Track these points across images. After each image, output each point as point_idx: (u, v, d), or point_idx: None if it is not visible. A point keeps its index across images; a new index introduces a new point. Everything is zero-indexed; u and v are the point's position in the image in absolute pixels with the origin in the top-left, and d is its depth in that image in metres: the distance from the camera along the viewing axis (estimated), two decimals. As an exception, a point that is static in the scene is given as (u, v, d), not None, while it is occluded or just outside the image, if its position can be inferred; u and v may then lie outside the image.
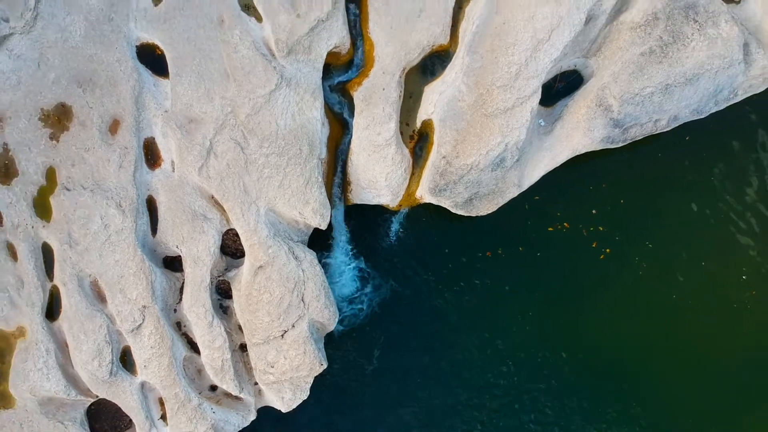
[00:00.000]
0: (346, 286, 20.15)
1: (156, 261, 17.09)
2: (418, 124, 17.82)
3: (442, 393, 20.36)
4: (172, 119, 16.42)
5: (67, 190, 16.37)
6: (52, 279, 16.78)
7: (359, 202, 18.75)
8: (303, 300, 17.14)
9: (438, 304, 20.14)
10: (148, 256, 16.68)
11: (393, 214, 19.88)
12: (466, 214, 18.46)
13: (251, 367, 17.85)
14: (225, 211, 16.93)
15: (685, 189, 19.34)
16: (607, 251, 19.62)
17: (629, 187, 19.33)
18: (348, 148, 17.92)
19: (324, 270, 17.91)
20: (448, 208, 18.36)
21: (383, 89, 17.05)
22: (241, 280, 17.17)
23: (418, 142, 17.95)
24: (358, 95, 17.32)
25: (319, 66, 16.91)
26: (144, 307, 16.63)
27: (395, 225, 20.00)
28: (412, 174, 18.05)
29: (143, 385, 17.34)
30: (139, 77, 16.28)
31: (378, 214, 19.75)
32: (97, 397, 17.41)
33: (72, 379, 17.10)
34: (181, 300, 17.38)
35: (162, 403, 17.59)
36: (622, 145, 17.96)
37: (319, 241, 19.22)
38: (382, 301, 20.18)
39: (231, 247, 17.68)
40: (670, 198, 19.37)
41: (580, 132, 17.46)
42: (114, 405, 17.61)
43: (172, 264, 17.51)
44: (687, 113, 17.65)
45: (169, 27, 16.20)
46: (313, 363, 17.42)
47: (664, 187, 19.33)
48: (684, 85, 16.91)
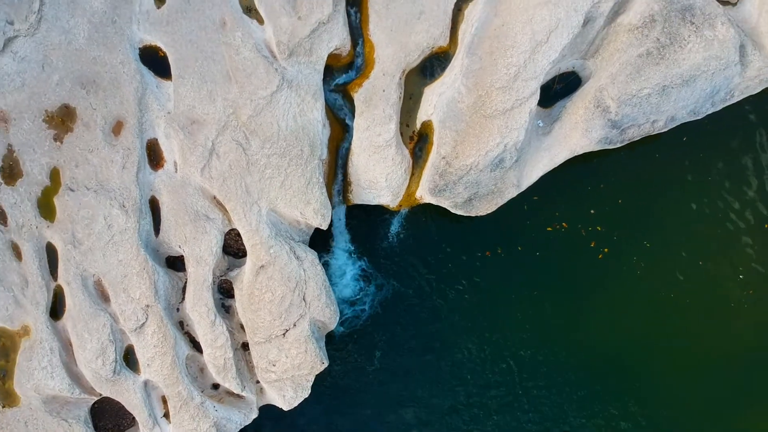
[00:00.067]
0: (347, 288, 20.18)
1: (159, 261, 17.18)
2: (418, 125, 17.87)
3: (442, 392, 20.39)
4: (175, 120, 16.51)
5: (71, 191, 16.47)
6: (56, 278, 16.86)
7: (360, 203, 18.79)
8: (304, 299, 17.22)
9: (438, 304, 20.17)
10: (151, 255, 16.76)
11: (393, 214, 19.91)
12: (465, 214, 18.48)
13: (253, 366, 17.91)
14: (227, 211, 17.01)
15: (683, 189, 19.34)
16: (606, 251, 19.63)
17: (627, 188, 19.33)
18: (348, 149, 17.98)
19: (325, 270, 17.94)
20: (448, 208, 18.40)
21: (383, 91, 17.13)
22: (243, 279, 17.26)
23: (417, 142, 18.00)
24: (358, 97, 17.39)
25: (320, 68, 16.98)
26: (147, 306, 16.72)
27: (395, 225, 20.03)
28: (412, 174, 18.11)
29: (146, 383, 17.40)
30: (142, 79, 16.36)
31: (378, 214, 19.79)
32: (101, 395, 17.46)
33: (76, 378, 17.18)
34: (183, 299, 17.45)
35: (165, 402, 17.64)
36: (620, 145, 17.98)
37: (320, 241, 19.27)
38: (383, 300, 20.22)
39: (233, 247, 17.75)
40: (668, 198, 19.37)
41: (579, 133, 17.52)
42: (117, 403, 17.67)
43: (175, 264, 17.59)
44: (684, 114, 17.69)
45: (172, 29, 16.29)
46: (314, 361, 17.51)
47: (662, 188, 19.35)
48: (681, 87, 16.96)
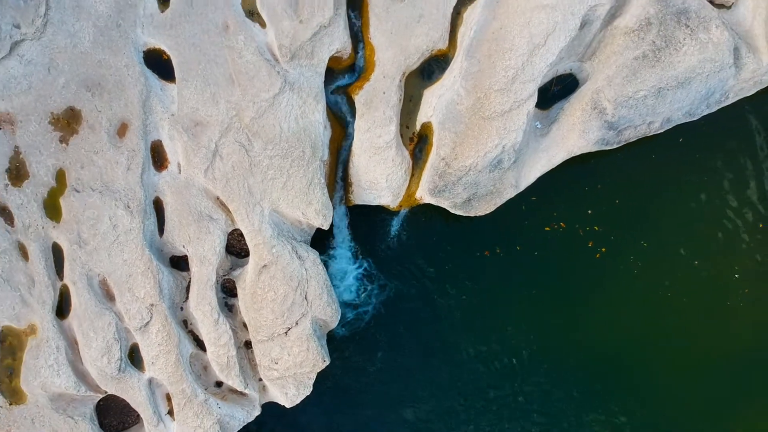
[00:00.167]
0: (348, 290, 20.27)
1: (163, 260, 17.31)
2: (418, 127, 18.00)
3: (443, 392, 20.49)
4: (179, 122, 16.66)
5: (77, 192, 16.61)
6: (62, 278, 17.00)
7: (360, 203, 18.91)
8: (306, 298, 17.36)
9: (439, 303, 20.28)
10: (155, 255, 16.90)
11: (393, 214, 20.01)
12: (464, 215, 18.61)
13: (256, 364, 18.03)
14: (230, 211, 17.15)
15: (679, 189, 19.44)
16: (603, 250, 19.73)
17: (624, 188, 19.43)
18: (349, 150, 18.11)
19: (326, 270, 17.99)
20: (447, 209, 18.54)
21: (384, 93, 17.28)
22: (246, 278, 17.39)
23: (417, 144, 18.13)
24: (359, 99, 17.54)
25: (322, 70, 17.12)
26: (152, 305, 16.85)
27: (396, 225, 20.13)
28: (412, 175, 18.24)
29: (151, 381, 17.52)
30: (146, 82, 16.51)
31: (379, 214, 19.87)
32: (106, 392, 17.57)
33: (82, 376, 17.30)
34: (187, 298, 17.59)
35: (169, 399, 17.77)
36: (616, 146, 18.12)
37: (321, 242, 19.37)
38: (385, 301, 20.31)
39: (236, 247, 17.90)
40: (664, 198, 19.47)
41: (576, 134, 17.67)
42: (122, 401, 17.79)
43: (179, 263, 17.72)
44: (680, 116, 17.85)
45: (176, 33, 16.44)
46: (316, 359, 17.64)
47: (659, 188, 19.43)
48: (676, 89, 17.12)
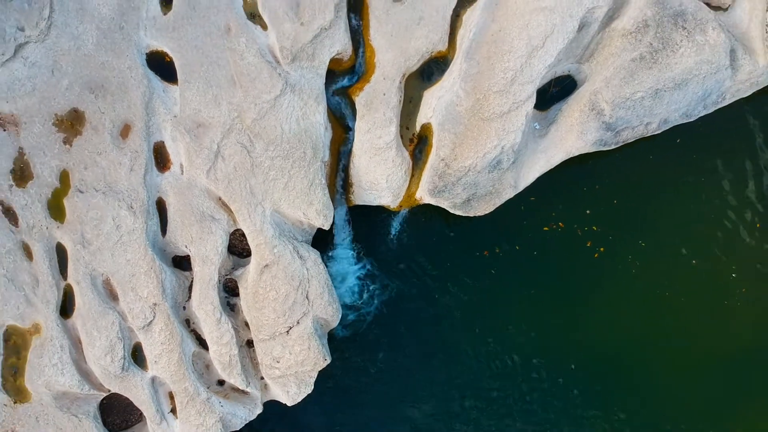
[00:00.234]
0: (350, 292, 20.39)
1: (166, 260, 17.43)
2: (418, 128, 18.10)
3: (443, 392, 20.60)
4: (181, 124, 16.78)
5: (80, 193, 16.74)
6: (65, 278, 17.13)
7: (361, 203, 18.99)
8: (307, 297, 17.47)
9: (439, 303, 20.39)
10: (158, 255, 17.03)
11: (393, 214, 20.17)
12: (464, 215, 18.70)
13: (258, 362, 18.14)
14: (232, 212, 17.27)
15: (677, 189, 19.55)
16: (602, 250, 19.86)
17: (622, 188, 19.54)
18: (350, 151, 18.21)
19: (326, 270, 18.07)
20: (447, 209, 18.63)
21: (384, 94, 17.38)
22: (248, 278, 17.51)
23: (417, 145, 18.22)
24: (359, 100, 17.64)
25: (322, 72, 17.23)
26: (154, 304, 16.98)
27: (396, 225, 20.28)
28: (412, 176, 18.33)
29: (154, 379, 17.65)
30: (149, 83, 16.64)
31: (379, 214, 20.01)
32: (110, 391, 17.70)
33: (85, 374, 17.43)
34: (190, 298, 17.72)
35: (172, 397, 17.89)
36: (614, 147, 18.21)
37: (322, 242, 19.50)
38: (386, 300, 20.43)
39: (238, 247, 18.04)
40: (661, 198, 19.58)
41: (574, 135, 17.78)
42: (125, 399, 17.92)
43: (181, 263, 17.84)
44: (677, 117, 17.95)
45: (178, 35, 16.56)
46: (317, 358, 17.77)
47: (656, 188, 19.55)
48: (673, 90, 17.23)
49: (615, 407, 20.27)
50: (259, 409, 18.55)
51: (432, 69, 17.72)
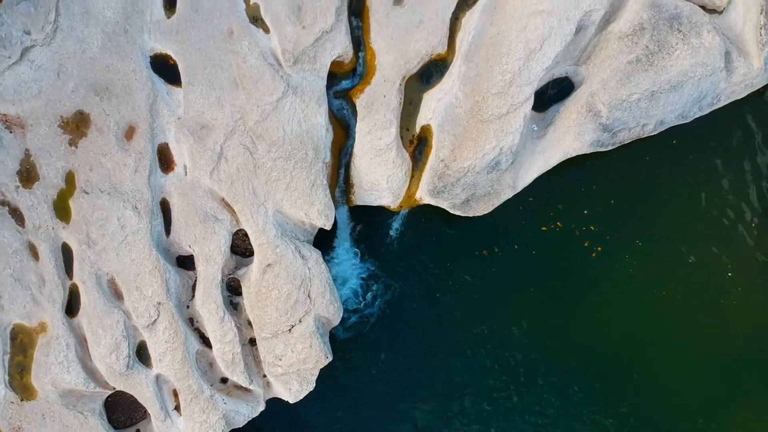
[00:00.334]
0: (352, 293, 20.48)
1: (170, 260, 17.61)
2: (418, 129, 18.23)
3: (443, 393, 20.67)
4: (185, 126, 16.96)
5: (86, 193, 16.93)
6: (71, 277, 17.32)
7: (361, 204, 19.12)
8: (309, 296, 17.63)
9: (440, 302, 20.48)
10: (162, 255, 17.21)
11: (394, 215, 20.27)
12: (463, 215, 18.83)
13: (260, 360, 18.29)
14: (235, 212, 17.44)
15: (673, 190, 19.64)
16: (599, 249, 19.95)
17: (619, 189, 19.63)
18: (351, 152, 18.36)
19: (328, 269, 18.19)
20: (447, 209, 18.76)
21: (384, 96, 17.55)
22: (251, 277, 17.68)
23: (417, 146, 18.36)
24: (360, 102, 17.81)
25: (324, 75, 17.39)
26: (159, 303, 17.16)
27: (396, 225, 20.38)
28: (412, 176, 18.46)
29: (158, 377, 17.80)
30: (153, 86, 16.82)
31: (379, 215, 20.12)
32: (115, 389, 17.88)
33: (91, 372, 17.61)
34: (193, 297, 17.87)
35: (176, 395, 18.04)
36: (611, 148, 18.36)
37: (324, 242, 19.63)
38: (389, 300, 20.53)
39: (240, 247, 18.17)
40: (658, 199, 19.68)
41: (571, 136, 17.93)
42: (130, 397, 18.08)
43: (185, 263, 18.00)
44: (673, 118, 18.10)
45: (182, 38, 16.74)
46: (319, 356, 17.92)
47: (653, 188, 19.64)
48: (669, 92, 17.39)
49: (613, 404, 20.34)
50: (261, 407, 18.67)
51: (431, 71, 17.85)
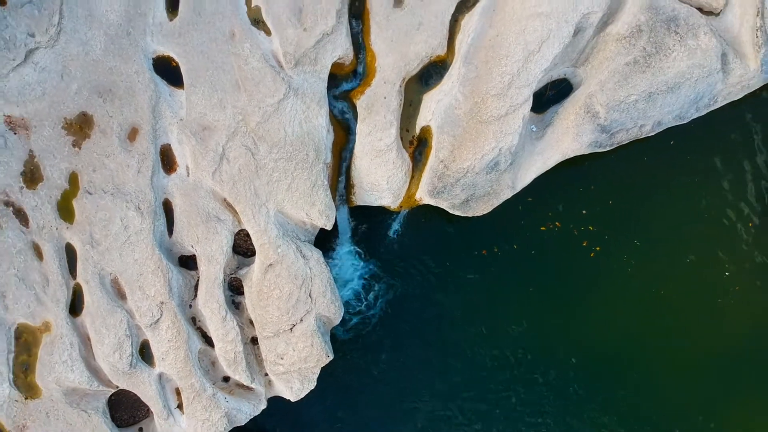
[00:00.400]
0: (354, 294, 20.60)
1: (172, 260, 17.75)
2: (418, 130, 18.34)
3: (443, 393, 20.80)
4: (187, 127, 17.09)
5: (89, 194, 17.06)
6: (75, 277, 17.44)
7: (362, 204, 19.24)
8: (310, 296, 17.75)
9: (440, 302, 20.60)
10: (165, 255, 17.34)
11: (394, 215, 20.41)
12: (463, 215, 18.95)
13: (262, 359, 18.41)
14: (237, 212, 17.56)
15: (670, 190, 19.76)
16: (598, 249, 20.08)
17: (617, 189, 19.76)
18: (351, 153, 18.48)
19: (329, 269, 18.28)
20: (446, 209, 18.88)
21: (384, 98, 17.66)
22: (252, 277, 17.80)
23: (417, 147, 18.47)
24: (360, 103, 17.92)
25: (325, 76, 17.52)
26: (162, 303, 17.30)
27: (396, 225, 20.51)
28: (412, 177, 18.57)
29: (161, 376, 17.92)
30: (155, 88, 16.95)
31: (380, 215, 20.25)
32: (118, 387, 18.00)
33: (94, 371, 17.72)
34: (196, 296, 18.00)
35: (179, 393, 18.18)
36: (609, 149, 18.47)
37: (325, 242, 19.76)
38: (391, 300, 20.63)
39: (242, 247, 18.29)
40: (655, 199, 19.80)
41: (570, 137, 18.05)
42: (133, 395, 18.23)
43: (187, 263, 18.11)
44: (670, 119, 18.21)
45: (184, 41, 16.86)
46: (320, 354, 18.04)
47: (650, 189, 19.76)
48: (666, 93, 17.51)
49: (613, 403, 20.44)
50: (263, 405, 18.80)
51: (431, 73, 17.96)
